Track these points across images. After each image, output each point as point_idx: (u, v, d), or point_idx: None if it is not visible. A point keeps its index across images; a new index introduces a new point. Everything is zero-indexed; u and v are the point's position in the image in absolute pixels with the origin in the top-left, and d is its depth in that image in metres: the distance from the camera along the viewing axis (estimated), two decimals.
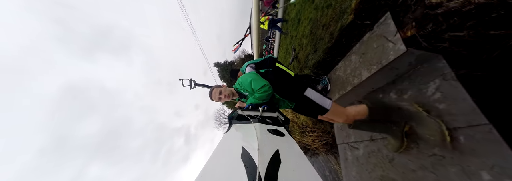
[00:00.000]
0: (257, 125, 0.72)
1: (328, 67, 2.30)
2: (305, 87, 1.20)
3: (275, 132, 0.67)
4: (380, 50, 1.45)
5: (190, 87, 1.86)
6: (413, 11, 1.31)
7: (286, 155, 0.46)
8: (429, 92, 1.19)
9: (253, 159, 0.42)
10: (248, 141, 0.55)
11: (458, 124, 0.98)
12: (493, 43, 1.01)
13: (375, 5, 1.60)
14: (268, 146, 0.50)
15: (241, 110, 1.02)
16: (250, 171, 0.37)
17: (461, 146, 0.95)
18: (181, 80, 1.82)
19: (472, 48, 1.08)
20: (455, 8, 1.02)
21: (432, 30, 1.18)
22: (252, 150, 0.46)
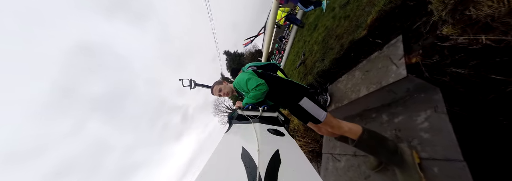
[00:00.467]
0: (257, 125, 0.71)
1: (332, 77, 2.33)
2: (302, 96, 1.19)
3: (275, 132, 0.67)
4: (383, 70, 1.47)
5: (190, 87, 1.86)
6: (424, 39, 1.32)
7: (286, 155, 0.46)
8: (418, 120, 1.23)
9: (253, 159, 0.42)
10: (248, 141, 0.55)
11: (436, 156, 1.03)
12: (491, 86, 1.04)
13: (390, 25, 1.61)
14: (268, 146, 0.50)
15: (241, 110, 1.02)
16: (250, 171, 0.37)
17: (433, 177, 1.00)
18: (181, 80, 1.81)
19: (470, 87, 1.11)
20: (463, 44, 1.03)
21: (437, 61, 1.20)
22: (252, 150, 0.46)
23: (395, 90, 1.40)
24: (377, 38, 1.73)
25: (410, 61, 1.32)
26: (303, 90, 1.26)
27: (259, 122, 0.76)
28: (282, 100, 1.25)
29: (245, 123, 0.77)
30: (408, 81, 1.28)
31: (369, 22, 1.68)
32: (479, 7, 0.89)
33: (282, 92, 1.25)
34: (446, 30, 1.05)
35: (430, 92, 1.26)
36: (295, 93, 1.23)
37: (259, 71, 1.39)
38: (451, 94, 1.19)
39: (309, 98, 1.20)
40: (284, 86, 1.28)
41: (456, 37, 1.04)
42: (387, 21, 1.59)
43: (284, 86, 1.28)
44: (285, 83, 1.30)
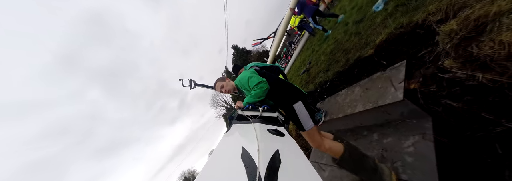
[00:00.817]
0: (257, 125, 0.71)
1: (332, 90, 2.38)
2: (297, 100, 1.21)
3: (275, 132, 0.67)
4: (382, 91, 1.52)
5: (190, 87, 1.88)
6: (426, 68, 1.37)
7: (286, 155, 0.46)
8: (406, 144, 1.28)
9: (253, 159, 0.42)
10: (248, 141, 0.55)
11: (414, 180, 1.08)
12: (480, 124, 1.08)
13: (397, 49, 1.66)
14: (268, 146, 0.51)
15: (241, 110, 1.02)
16: (250, 171, 0.37)
17: None
18: (181, 80, 1.82)
19: (461, 121, 1.15)
20: (461, 78, 1.08)
21: (433, 91, 1.25)
22: (252, 150, 0.46)
23: (390, 111, 1.45)
24: (383, 59, 1.78)
25: (409, 87, 1.37)
26: (301, 94, 1.27)
27: (259, 122, 0.76)
28: (278, 100, 1.27)
29: (245, 123, 0.77)
30: (403, 105, 1.33)
31: (377, 42, 1.73)
32: (481, 46, 0.94)
33: (280, 93, 1.27)
34: (447, 62, 1.10)
35: (422, 119, 1.31)
36: (292, 95, 1.25)
37: (260, 71, 1.41)
38: (441, 124, 1.24)
39: (304, 104, 1.22)
40: (283, 87, 1.29)
41: (455, 71, 1.09)
42: (395, 44, 1.64)
43: (283, 87, 1.29)
44: (285, 84, 1.31)
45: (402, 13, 1.70)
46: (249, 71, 1.36)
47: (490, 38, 0.92)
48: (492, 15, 0.94)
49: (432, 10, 1.35)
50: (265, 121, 0.80)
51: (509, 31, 0.86)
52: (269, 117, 0.95)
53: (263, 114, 0.96)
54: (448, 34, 1.13)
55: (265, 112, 0.97)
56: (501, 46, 0.88)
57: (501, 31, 0.89)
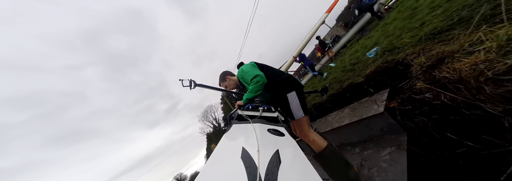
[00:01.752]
0: (256, 125, 0.72)
1: (324, 111, 2.56)
2: (292, 89, 1.25)
3: (275, 132, 0.67)
4: (367, 109, 1.72)
5: (190, 88, 1.85)
6: (404, 93, 1.64)
7: (286, 155, 0.46)
8: (383, 153, 1.37)
9: (253, 159, 0.42)
10: (248, 141, 0.55)
11: (387, 179, 1.12)
12: (447, 144, 1.23)
13: (382, 80, 1.98)
14: (268, 146, 0.51)
15: (240, 110, 1.03)
16: (250, 171, 0.37)
17: None
18: (181, 80, 1.79)
19: (431, 139, 1.31)
20: (428, 98, 1.32)
21: (409, 109, 1.46)
22: (252, 150, 0.46)
23: (372, 125, 1.60)
24: (371, 87, 2.08)
25: (389, 105, 1.59)
26: (297, 86, 1.33)
27: (259, 122, 0.76)
28: (274, 89, 1.32)
29: (245, 123, 0.77)
30: (383, 119, 1.50)
31: (367, 73, 2.07)
32: (441, 71, 1.23)
33: (277, 82, 1.31)
34: (418, 84, 1.37)
35: (398, 134, 1.46)
36: (288, 85, 1.30)
37: (260, 64, 1.46)
38: (415, 141, 1.38)
39: (297, 95, 1.27)
40: (281, 77, 1.34)
41: (424, 91, 1.35)
42: (381, 76, 1.97)
43: (282, 77, 1.34)
44: (283, 75, 1.36)
45: (389, 55, 2.13)
46: (248, 64, 1.44)
47: (447, 66, 1.23)
48: (448, 52, 1.29)
49: (409, 52, 1.76)
50: (265, 121, 0.80)
51: (459, 62, 1.17)
52: (269, 117, 0.96)
53: (263, 114, 0.96)
54: (419, 65, 1.46)
55: (265, 112, 0.99)
56: (455, 71, 1.17)
57: (454, 62, 1.20)
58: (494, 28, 1.11)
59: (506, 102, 0.97)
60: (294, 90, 1.29)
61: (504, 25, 1.07)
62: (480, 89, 1.05)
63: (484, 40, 1.08)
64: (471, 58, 1.10)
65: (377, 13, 6.49)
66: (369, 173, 1.27)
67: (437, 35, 1.68)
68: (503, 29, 1.04)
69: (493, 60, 0.98)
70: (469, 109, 1.13)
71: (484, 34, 1.12)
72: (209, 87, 1.99)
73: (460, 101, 1.15)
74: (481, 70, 1.02)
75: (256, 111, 1.01)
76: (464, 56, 1.17)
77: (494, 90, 0.99)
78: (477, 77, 1.04)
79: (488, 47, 1.04)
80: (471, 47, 1.16)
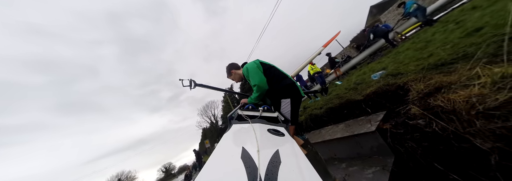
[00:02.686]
0: (256, 125, 0.72)
1: (320, 124, 2.58)
2: (288, 97, 1.31)
3: (275, 132, 0.67)
4: (361, 127, 1.75)
5: (190, 87, 1.85)
6: (399, 117, 1.67)
7: (286, 155, 0.46)
8: (367, 172, 1.39)
9: (253, 159, 0.42)
10: (248, 141, 0.55)
11: None
12: (433, 174, 1.24)
13: (381, 102, 2.02)
14: (268, 146, 0.51)
15: (240, 110, 1.02)
16: (250, 171, 0.37)
17: None
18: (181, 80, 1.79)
19: (418, 166, 1.32)
20: (421, 125, 1.35)
21: (400, 133, 1.48)
22: (252, 150, 0.46)
23: (362, 144, 1.63)
24: (369, 107, 2.11)
25: (382, 126, 1.61)
26: (295, 94, 1.35)
27: (259, 122, 0.77)
28: (272, 93, 1.36)
29: (245, 123, 0.77)
30: (374, 138, 1.53)
31: (367, 92, 2.12)
32: (435, 99, 1.27)
33: (276, 88, 1.35)
34: (413, 110, 1.41)
35: (387, 157, 1.48)
36: (286, 91, 1.34)
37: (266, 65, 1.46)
38: (402, 165, 1.39)
39: (292, 103, 1.31)
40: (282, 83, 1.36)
41: (418, 117, 1.38)
42: (380, 97, 2.01)
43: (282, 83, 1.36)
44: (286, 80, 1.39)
45: (391, 79, 2.18)
46: (254, 63, 1.45)
47: (443, 95, 1.27)
48: (446, 83, 1.34)
49: (411, 78, 1.81)
50: (265, 121, 0.80)
51: (454, 93, 1.22)
52: (269, 117, 0.96)
53: (263, 114, 0.97)
54: (417, 91, 1.51)
55: (265, 112, 0.99)
56: (449, 102, 1.21)
57: (450, 92, 1.25)
58: (493, 66, 1.16)
59: (495, 139, 1.00)
60: (290, 98, 1.32)
61: (503, 65, 1.12)
62: (471, 122, 1.08)
63: (481, 76, 1.13)
64: (466, 91, 1.14)
65: (391, 40, 6.61)
66: None
67: (440, 66, 1.74)
68: (501, 68, 1.09)
69: (486, 95, 1.03)
70: (458, 141, 1.15)
71: (481, 70, 1.17)
72: (209, 87, 2.01)
73: (451, 132, 1.18)
74: (473, 104, 1.06)
75: (256, 111, 1.01)
76: (460, 88, 1.21)
77: (484, 125, 1.02)
78: (469, 110, 1.08)
79: (483, 83, 1.09)
80: (468, 81, 1.21)
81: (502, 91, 0.97)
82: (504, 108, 0.94)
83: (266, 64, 1.50)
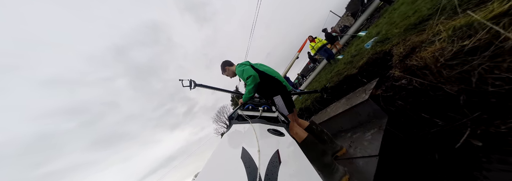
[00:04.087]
0: (256, 125, 0.72)
1: (325, 103, 2.77)
2: (277, 94, 1.53)
3: (275, 132, 0.67)
4: (358, 98, 1.92)
5: (190, 88, 1.87)
6: (388, 82, 1.80)
7: (286, 155, 0.46)
8: (366, 135, 1.58)
9: (253, 159, 0.42)
10: (248, 141, 0.55)
11: (364, 153, 1.35)
12: (421, 124, 1.40)
13: (373, 70, 2.14)
14: (268, 146, 0.50)
15: (240, 110, 1.04)
16: (250, 171, 0.37)
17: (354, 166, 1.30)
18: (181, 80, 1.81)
19: (408, 119, 1.49)
20: (404, 84, 1.49)
21: (390, 95, 1.64)
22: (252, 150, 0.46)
23: (361, 112, 1.81)
24: (364, 78, 2.24)
25: (375, 93, 1.77)
26: (282, 90, 1.57)
27: (259, 122, 0.77)
28: (263, 93, 1.59)
29: (245, 123, 0.77)
30: (369, 105, 1.70)
31: (360, 64, 2.24)
32: (411, 60, 1.40)
33: (265, 87, 1.56)
34: (396, 72, 1.55)
35: (382, 118, 1.65)
36: (274, 90, 1.56)
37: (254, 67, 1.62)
38: (396, 122, 1.56)
39: (283, 97, 1.54)
40: (268, 82, 1.57)
41: (401, 78, 1.52)
42: (372, 66, 2.13)
43: (269, 82, 1.57)
44: (271, 80, 1.57)
45: (380, 46, 2.26)
46: (243, 63, 1.66)
47: (416, 55, 1.39)
48: (418, 42, 1.45)
49: (395, 43, 1.90)
50: (265, 121, 0.80)
51: (424, 51, 1.34)
52: (269, 117, 0.97)
53: (263, 114, 0.97)
54: (397, 55, 1.63)
55: (265, 112, 1.00)
56: (421, 59, 1.34)
57: (421, 51, 1.37)
58: (449, 19, 1.26)
59: (459, 83, 1.14)
60: (280, 94, 1.56)
61: (458, 17, 1.22)
62: (440, 73, 1.22)
63: (442, 31, 1.24)
64: (432, 47, 1.26)
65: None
66: (354, 151, 1.50)
67: (418, 25, 1.81)
68: (456, 20, 1.19)
69: (444, 48, 1.15)
70: (434, 91, 1.30)
71: (442, 25, 1.28)
72: (209, 87, 2.07)
73: (427, 84, 1.33)
74: (437, 57, 1.19)
75: (256, 111, 1.03)
76: (428, 45, 1.33)
77: (449, 73, 1.16)
78: (435, 63, 1.22)
79: (443, 37, 1.20)
80: (433, 37, 1.32)
81: (456, 42, 1.09)
82: (458, 56, 1.07)
83: (255, 66, 1.68)
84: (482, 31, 1.01)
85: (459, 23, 1.10)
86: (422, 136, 1.39)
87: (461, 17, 1.20)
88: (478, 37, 1.01)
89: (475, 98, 1.13)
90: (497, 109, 1.06)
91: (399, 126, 1.51)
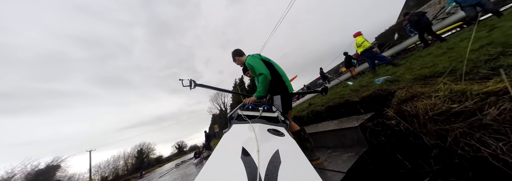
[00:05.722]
0: (256, 125, 0.72)
1: (319, 119, 2.98)
2: (278, 94, 1.67)
3: (275, 132, 0.67)
4: (349, 123, 2.13)
5: (190, 87, 1.88)
6: (381, 118, 2.01)
7: (286, 155, 0.46)
8: (344, 156, 1.81)
9: (253, 159, 0.42)
10: (248, 141, 0.55)
11: (334, 168, 1.57)
12: (393, 162, 1.62)
13: (373, 104, 2.35)
14: (268, 146, 0.51)
15: (240, 110, 1.04)
16: (250, 171, 0.38)
17: (322, 175, 1.52)
18: (181, 80, 1.81)
19: (384, 155, 1.70)
20: (393, 125, 1.70)
21: (377, 130, 1.85)
22: (252, 150, 0.46)
23: (347, 135, 2.02)
24: (362, 108, 2.45)
25: (366, 124, 1.98)
26: (284, 91, 1.71)
27: (259, 122, 0.77)
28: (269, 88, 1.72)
29: (245, 123, 0.77)
30: (356, 132, 1.92)
31: (364, 95, 2.44)
32: (406, 106, 1.61)
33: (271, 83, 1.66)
34: (390, 113, 1.75)
35: (362, 146, 1.87)
36: (277, 89, 1.70)
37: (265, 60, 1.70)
38: (373, 154, 1.78)
39: (282, 98, 1.68)
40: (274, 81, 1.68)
41: (392, 119, 1.73)
42: (373, 100, 2.33)
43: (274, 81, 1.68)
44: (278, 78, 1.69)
45: (388, 85, 2.46)
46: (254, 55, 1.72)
47: (412, 103, 1.60)
48: (420, 93, 1.65)
49: (401, 86, 2.10)
50: (265, 121, 0.81)
51: (420, 102, 1.54)
52: (269, 117, 0.98)
53: (263, 114, 0.98)
54: (398, 97, 1.83)
55: (265, 112, 1.01)
56: (415, 108, 1.55)
57: (418, 101, 1.57)
58: (453, 82, 1.46)
59: (437, 138, 1.35)
60: (280, 94, 1.71)
61: (460, 83, 1.42)
62: (425, 124, 1.43)
63: (441, 90, 1.44)
64: (428, 100, 1.47)
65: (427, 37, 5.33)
66: (327, 165, 1.72)
67: (428, 78, 2.00)
68: (457, 85, 1.39)
69: (437, 104, 1.36)
70: (415, 138, 1.51)
71: (443, 85, 1.48)
72: (208, 87, 2.13)
73: (411, 131, 1.54)
74: (428, 110, 1.40)
75: (256, 111, 1.04)
76: (426, 98, 1.53)
77: (432, 127, 1.37)
78: (425, 115, 1.42)
79: (440, 95, 1.41)
80: (433, 93, 1.52)
81: (447, 103, 1.30)
82: (444, 115, 1.27)
83: (265, 60, 1.75)
84: (471, 100, 1.21)
85: (457, 88, 1.30)
86: (389, 172, 1.61)
87: (463, 83, 1.40)
88: (465, 104, 1.21)
89: (444, 155, 1.34)
90: (456, 169, 1.27)
91: (374, 158, 1.73)
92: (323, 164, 1.77)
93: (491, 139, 1.06)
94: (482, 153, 1.10)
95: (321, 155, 2.03)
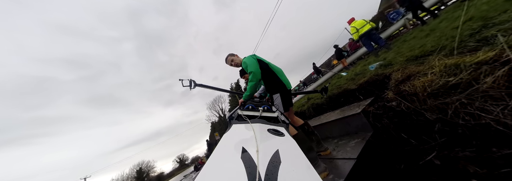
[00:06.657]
0: (256, 125, 0.72)
1: (320, 111, 2.98)
2: (277, 92, 1.67)
3: (275, 132, 0.67)
4: (351, 111, 2.14)
5: (190, 87, 1.88)
6: (381, 101, 2.03)
7: (286, 155, 0.46)
8: (351, 142, 1.80)
9: (253, 159, 0.42)
10: (248, 141, 0.55)
11: (344, 156, 1.57)
12: (399, 142, 1.63)
13: (371, 90, 2.37)
14: (268, 146, 0.51)
15: (240, 110, 1.03)
16: (250, 171, 0.38)
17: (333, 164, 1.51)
18: (181, 80, 1.81)
19: (389, 137, 1.71)
20: (394, 106, 1.72)
21: (380, 113, 1.86)
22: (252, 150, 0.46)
23: (350, 123, 2.03)
24: (361, 95, 2.47)
25: (367, 109, 1.99)
26: (283, 89, 1.70)
27: (259, 122, 0.77)
28: (266, 88, 1.78)
29: (245, 123, 0.78)
30: (359, 118, 1.92)
31: (361, 82, 2.47)
32: (405, 86, 1.63)
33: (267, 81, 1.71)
34: (389, 95, 1.77)
35: (367, 131, 1.87)
36: (275, 88, 1.70)
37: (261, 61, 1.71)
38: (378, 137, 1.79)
39: (281, 96, 1.67)
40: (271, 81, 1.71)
41: (392, 100, 1.75)
42: (371, 86, 2.36)
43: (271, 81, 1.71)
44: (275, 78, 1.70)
45: (383, 69, 2.50)
46: (250, 56, 1.74)
47: (410, 82, 1.62)
48: (415, 72, 1.68)
49: (396, 69, 2.14)
50: (265, 121, 0.81)
51: (417, 80, 1.56)
52: (269, 117, 0.98)
53: (263, 114, 0.98)
54: (395, 79, 1.85)
55: (265, 112, 1.01)
56: (413, 87, 1.57)
57: (415, 80, 1.60)
58: (447, 58, 1.49)
59: (438, 112, 1.37)
60: (279, 93, 1.70)
61: (452, 57, 1.45)
62: (425, 101, 1.45)
63: (435, 66, 1.47)
64: (424, 78, 1.49)
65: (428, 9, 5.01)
66: (336, 154, 1.72)
67: (419, 58, 2.04)
68: (450, 59, 1.42)
69: (434, 80, 1.38)
70: (417, 115, 1.53)
71: (437, 61, 1.51)
72: (208, 87, 2.13)
73: (412, 109, 1.55)
74: (426, 87, 1.42)
75: (256, 111, 1.04)
76: (422, 76, 1.56)
77: (432, 102, 1.39)
78: (423, 92, 1.44)
79: (435, 71, 1.43)
80: (428, 70, 1.54)
81: (444, 77, 1.32)
82: (442, 89, 1.30)
83: (261, 61, 1.77)
84: (465, 72, 1.24)
85: (450, 62, 1.33)
86: (397, 151, 1.62)
87: (455, 57, 1.43)
88: (460, 76, 1.24)
89: (447, 127, 1.36)
90: (460, 139, 1.29)
91: (380, 141, 1.74)
92: (332, 153, 1.76)
93: (491, 106, 1.09)
94: (482, 120, 1.12)
95: (328, 146, 2.02)
